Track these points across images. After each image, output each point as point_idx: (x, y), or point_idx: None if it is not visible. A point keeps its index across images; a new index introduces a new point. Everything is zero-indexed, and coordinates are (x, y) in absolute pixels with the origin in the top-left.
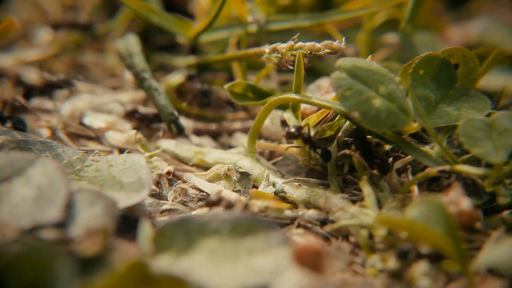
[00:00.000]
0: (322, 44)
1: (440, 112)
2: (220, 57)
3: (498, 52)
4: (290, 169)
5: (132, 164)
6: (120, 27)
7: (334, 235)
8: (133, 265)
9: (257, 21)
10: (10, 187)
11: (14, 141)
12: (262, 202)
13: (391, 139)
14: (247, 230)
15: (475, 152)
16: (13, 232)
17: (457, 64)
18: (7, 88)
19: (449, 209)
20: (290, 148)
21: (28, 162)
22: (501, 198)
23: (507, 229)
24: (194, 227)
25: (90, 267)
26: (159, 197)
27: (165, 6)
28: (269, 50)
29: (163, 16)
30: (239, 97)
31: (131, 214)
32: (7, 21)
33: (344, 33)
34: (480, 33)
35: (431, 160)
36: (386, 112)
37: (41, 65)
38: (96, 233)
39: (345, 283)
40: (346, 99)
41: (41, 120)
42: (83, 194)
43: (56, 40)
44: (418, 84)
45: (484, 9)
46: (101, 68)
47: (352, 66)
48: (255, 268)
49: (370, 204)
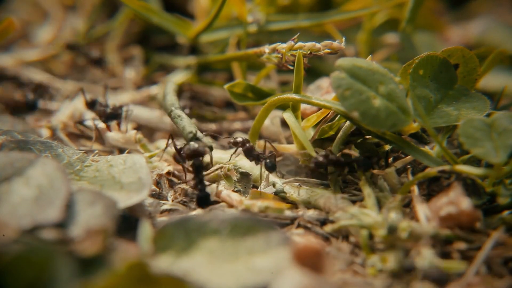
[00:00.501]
0: (322, 44)
1: (440, 112)
2: (220, 57)
3: (498, 52)
4: (290, 169)
5: (132, 164)
6: (120, 27)
7: (334, 235)
8: (133, 265)
9: (257, 21)
10: (10, 187)
11: (14, 141)
12: (262, 202)
13: (391, 139)
14: (247, 230)
15: (475, 152)
16: (13, 232)
17: (457, 64)
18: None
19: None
20: (287, 149)
21: (28, 162)
22: (501, 198)
23: (507, 229)
24: (194, 227)
25: (90, 267)
26: (159, 197)
27: (165, 6)
28: (269, 50)
29: (163, 16)
30: (239, 97)
31: (131, 214)
32: (7, 21)
33: (344, 33)
34: (480, 33)
35: (431, 160)
36: (385, 112)
37: (41, 65)
38: (96, 233)
39: (345, 283)
40: (345, 99)
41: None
42: (83, 194)
43: (56, 40)
44: (418, 84)
45: (484, 9)
46: (101, 68)
47: (351, 66)
48: (255, 268)
49: (370, 204)
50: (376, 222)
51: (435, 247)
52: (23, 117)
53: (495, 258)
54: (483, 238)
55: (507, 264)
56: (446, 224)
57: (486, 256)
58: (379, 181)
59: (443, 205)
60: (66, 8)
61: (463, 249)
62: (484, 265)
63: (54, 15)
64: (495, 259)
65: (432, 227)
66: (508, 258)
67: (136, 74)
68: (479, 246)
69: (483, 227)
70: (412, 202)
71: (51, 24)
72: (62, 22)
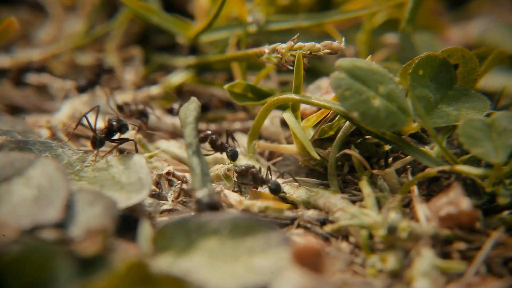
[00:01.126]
0: (321, 44)
1: (440, 112)
2: (220, 58)
3: (498, 53)
4: (290, 169)
5: (132, 164)
6: (119, 28)
7: (334, 235)
8: (133, 265)
9: (257, 22)
10: (10, 187)
11: (14, 141)
12: (262, 202)
13: (391, 139)
14: (247, 230)
15: (475, 152)
16: (13, 232)
17: (456, 64)
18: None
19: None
20: (287, 149)
21: (28, 163)
22: (501, 198)
23: (507, 229)
24: (194, 227)
25: (90, 267)
26: (159, 198)
27: (165, 6)
28: (269, 51)
29: (163, 16)
30: (239, 97)
31: (131, 215)
32: (7, 21)
33: (344, 33)
34: (480, 33)
35: (431, 160)
36: (385, 112)
37: (41, 65)
38: (96, 233)
39: (345, 283)
40: (345, 99)
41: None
42: (83, 194)
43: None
44: (418, 84)
45: (484, 9)
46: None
47: (351, 66)
48: (255, 268)
49: (370, 204)
50: (376, 222)
51: (435, 247)
52: (23, 117)
53: (495, 258)
54: (483, 238)
55: (507, 264)
56: (446, 224)
57: (486, 256)
58: (379, 181)
59: (443, 205)
60: (66, 8)
61: (463, 249)
62: (484, 265)
63: (54, 16)
64: (495, 259)
65: (432, 227)
66: (508, 258)
67: (136, 74)
68: (479, 246)
69: (483, 227)
70: (412, 202)
71: (51, 24)
72: (62, 23)
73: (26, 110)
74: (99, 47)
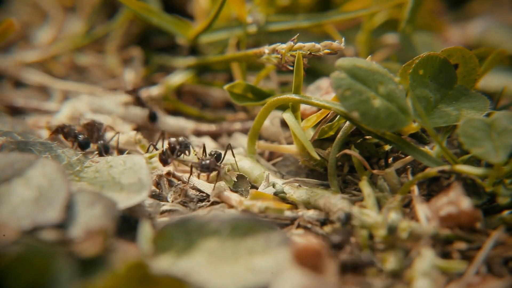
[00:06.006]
0: (321, 45)
1: (440, 112)
2: (220, 58)
3: (498, 53)
4: (290, 169)
5: (132, 165)
6: (119, 28)
7: None
8: (133, 265)
9: (257, 22)
10: (10, 188)
11: (14, 142)
12: (262, 202)
13: (391, 139)
14: (247, 231)
15: (475, 152)
16: (13, 233)
17: (456, 64)
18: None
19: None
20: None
21: (28, 163)
22: (501, 198)
23: (507, 229)
24: (194, 228)
25: (90, 267)
26: (159, 198)
27: (165, 7)
28: (269, 51)
29: (163, 17)
30: (238, 98)
31: (131, 215)
32: (7, 22)
33: (344, 34)
34: (480, 33)
35: (431, 160)
36: (385, 112)
37: (41, 66)
38: (96, 234)
39: (345, 283)
40: (345, 99)
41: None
42: (83, 195)
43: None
44: (418, 84)
45: (484, 9)
46: (101, 69)
47: (351, 66)
48: (255, 269)
49: (370, 204)
50: (376, 222)
51: (435, 247)
52: (23, 118)
53: (495, 258)
54: (483, 238)
55: (507, 264)
56: (446, 224)
57: (486, 256)
58: (379, 181)
59: (443, 205)
60: (66, 9)
61: (463, 249)
62: (484, 265)
63: (54, 16)
64: (495, 259)
65: (432, 227)
66: (508, 258)
67: (135, 75)
68: (479, 246)
69: (483, 227)
70: (412, 202)
71: (50, 25)
72: (62, 24)
73: (26, 111)
74: (99, 48)
